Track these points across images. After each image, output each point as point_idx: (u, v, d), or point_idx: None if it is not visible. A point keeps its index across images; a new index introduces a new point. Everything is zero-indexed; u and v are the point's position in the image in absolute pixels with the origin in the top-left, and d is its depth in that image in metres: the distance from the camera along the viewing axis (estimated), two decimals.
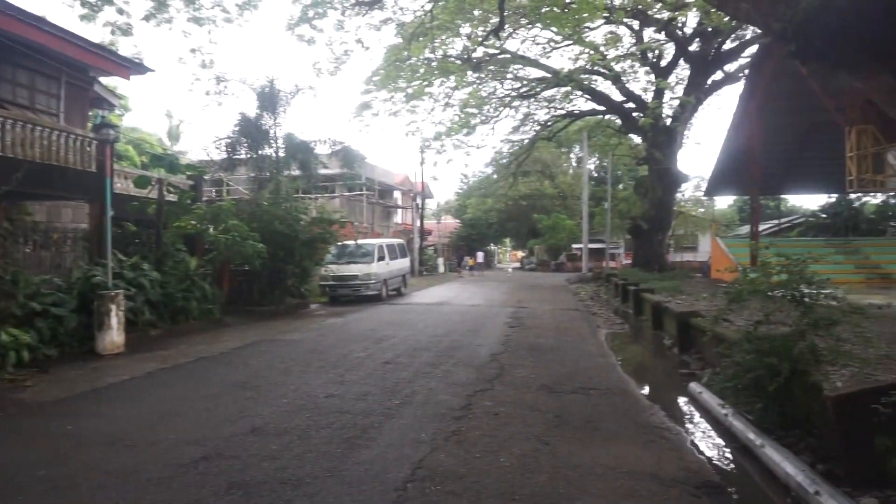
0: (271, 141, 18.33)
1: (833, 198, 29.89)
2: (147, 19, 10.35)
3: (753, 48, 19.78)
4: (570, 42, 22.19)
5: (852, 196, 26.72)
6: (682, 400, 6.87)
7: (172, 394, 6.96)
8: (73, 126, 12.25)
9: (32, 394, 7.07)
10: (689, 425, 5.88)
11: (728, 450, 5.11)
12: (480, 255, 45.85)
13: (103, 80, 16.13)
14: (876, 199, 28.74)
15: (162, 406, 6.39)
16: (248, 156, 18.54)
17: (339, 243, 19.04)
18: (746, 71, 19.93)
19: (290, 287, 17.32)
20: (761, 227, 21.00)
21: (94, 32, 66.05)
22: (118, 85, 23.69)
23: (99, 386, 7.47)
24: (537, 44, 23.82)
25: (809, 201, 46.13)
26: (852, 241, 23.53)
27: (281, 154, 18.45)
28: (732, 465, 4.80)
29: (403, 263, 23.50)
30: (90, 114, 15.42)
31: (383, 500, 3.96)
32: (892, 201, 27.64)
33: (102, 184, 10.86)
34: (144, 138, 34.61)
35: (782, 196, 31.37)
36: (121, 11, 9.97)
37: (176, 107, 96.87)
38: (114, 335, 9.87)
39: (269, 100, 17.99)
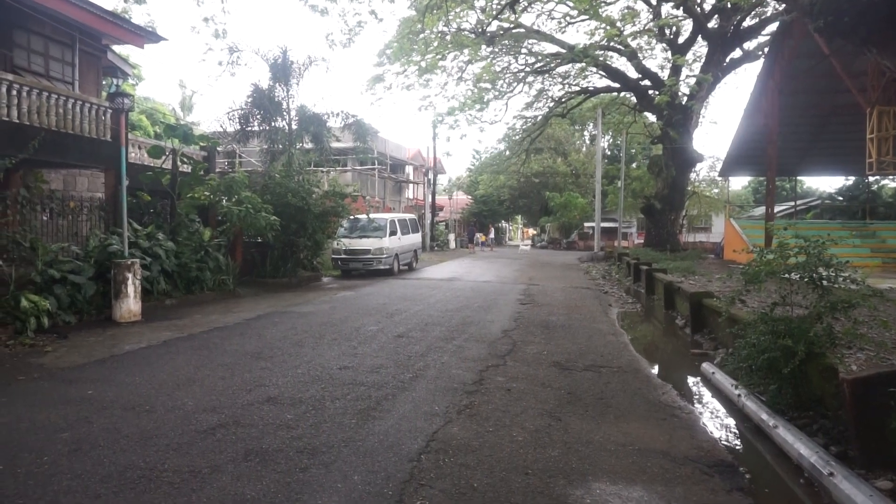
0: (284, 113, 18.29)
1: (850, 180, 29.51)
2: None
3: (773, 26, 19.34)
4: (587, 17, 21.79)
5: (871, 179, 26.35)
6: (694, 380, 6.89)
7: (188, 362, 7.05)
8: (87, 94, 12.24)
9: (52, 359, 7.20)
10: (700, 405, 5.91)
11: (740, 430, 5.13)
12: (491, 232, 45.81)
13: (116, 48, 16.07)
14: (895, 182, 28.36)
15: (179, 374, 6.49)
16: (261, 128, 18.54)
17: (352, 217, 19.09)
18: (766, 49, 19.52)
19: (302, 260, 17.44)
20: (776, 209, 20.76)
21: (107, 1, 65.64)
22: (130, 54, 23.67)
23: (117, 353, 7.59)
24: (553, 18, 23.45)
25: (826, 183, 45.52)
26: (869, 225, 23.28)
27: (293, 126, 18.42)
28: (745, 445, 4.82)
29: (415, 238, 23.54)
30: (104, 82, 15.39)
31: (398, 471, 4.01)
32: None
33: (117, 153, 10.90)
34: (157, 108, 34.64)
35: (798, 178, 30.93)
36: None
37: (188, 77, 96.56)
38: (130, 303, 10.01)
39: (282, 71, 17.89)
